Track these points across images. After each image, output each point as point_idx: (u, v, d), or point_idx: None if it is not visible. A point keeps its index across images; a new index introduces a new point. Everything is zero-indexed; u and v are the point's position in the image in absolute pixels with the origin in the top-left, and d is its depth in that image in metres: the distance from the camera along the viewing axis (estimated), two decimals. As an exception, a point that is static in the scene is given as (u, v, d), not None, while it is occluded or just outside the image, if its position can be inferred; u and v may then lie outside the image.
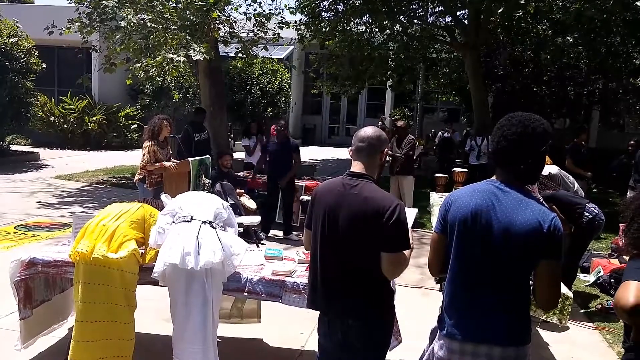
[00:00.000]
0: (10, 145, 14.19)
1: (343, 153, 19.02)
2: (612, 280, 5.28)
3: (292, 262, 3.36)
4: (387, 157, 2.40)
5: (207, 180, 6.36)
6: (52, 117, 16.24)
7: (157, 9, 8.22)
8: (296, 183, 7.55)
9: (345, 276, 2.20)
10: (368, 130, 2.30)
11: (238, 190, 6.88)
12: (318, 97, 22.75)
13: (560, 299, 3.15)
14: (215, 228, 3.12)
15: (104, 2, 7.99)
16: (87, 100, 16.54)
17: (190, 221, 3.11)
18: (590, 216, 4.59)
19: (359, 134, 2.30)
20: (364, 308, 2.19)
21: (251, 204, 6.99)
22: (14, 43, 12.28)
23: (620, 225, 5.07)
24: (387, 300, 2.27)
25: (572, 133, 7.83)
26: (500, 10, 11.16)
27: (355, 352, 2.23)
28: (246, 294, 3.19)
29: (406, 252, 2.19)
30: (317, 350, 2.46)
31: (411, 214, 2.54)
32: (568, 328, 4.29)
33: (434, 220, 3.06)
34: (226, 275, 3.10)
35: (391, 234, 2.11)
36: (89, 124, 16.24)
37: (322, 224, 2.24)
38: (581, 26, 11.45)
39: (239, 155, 11.62)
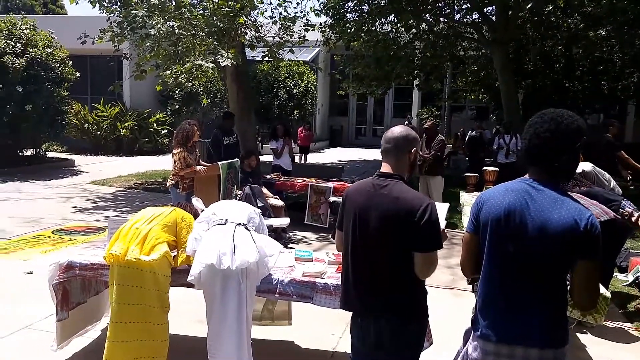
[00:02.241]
0: (47, 153, 14.68)
1: (370, 154, 18.96)
2: (651, 279, 5.10)
3: (322, 264, 3.36)
4: (419, 157, 2.36)
5: (239, 192, 6.42)
6: (86, 124, 16.71)
7: (185, 16, 8.37)
8: (324, 184, 7.58)
9: (377, 276, 2.19)
10: (395, 130, 2.29)
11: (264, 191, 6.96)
12: (344, 99, 22.76)
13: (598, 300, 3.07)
14: (249, 230, 3.17)
15: (134, 11, 8.19)
16: (119, 107, 16.98)
17: (225, 224, 3.17)
18: (627, 213, 4.45)
19: (386, 135, 2.30)
20: (396, 308, 2.18)
21: (278, 202, 7.07)
22: (49, 53, 12.70)
23: None
24: (420, 301, 2.25)
25: (606, 127, 7.60)
26: (529, 6, 10.95)
27: (388, 353, 2.22)
28: (277, 295, 3.21)
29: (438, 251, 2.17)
30: (349, 351, 2.46)
31: (442, 209, 2.49)
32: (604, 328, 4.18)
33: (465, 220, 3.01)
34: (260, 276, 3.14)
35: (424, 233, 2.09)
36: (121, 130, 16.65)
37: (352, 225, 2.25)
38: (614, 19, 11.13)
39: (267, 157, 11.72)
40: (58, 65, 12.91)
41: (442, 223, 2.41)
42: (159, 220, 3.28)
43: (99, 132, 16.81)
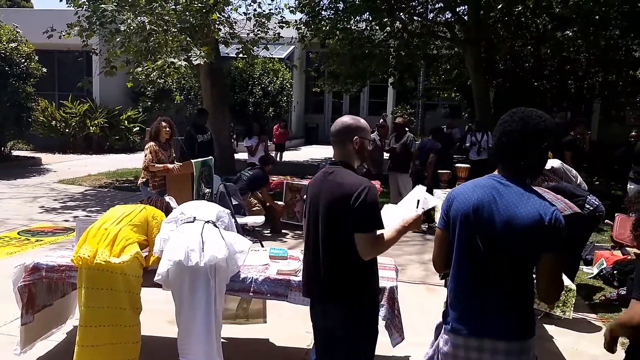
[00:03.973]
0: (12, 151, 14.23)
1: (345, 151, 18.98)
2: (614, 272, 5.29)
3: (297, 261, 3.36)
4: (369, 145, 2.45)
5: (207, 190, 6.36)
6: (54, 122, 16.27)
7: (157, 11, 8.24)
8: (299, 182, 7.58)
9: (326, 261, 2.29)
10: (339, 121, 2.42)
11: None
12: (320, 96, 22.75)
13: (563, 292, 3.16)
14: (218, 228, 3.15)
15: (103, 5, 8.01)
16: (88, 103, 16.58)
17: (193, 221, 3.14)
18: (592, 208, 4.60)
19: (332, 126, 2.43)
20: (346, 292, 2.28)
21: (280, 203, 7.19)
22: (13, 48, 12.31)
23: (617, 215, 5.07)
24: (369, 284, 2.33)
25: (571, 126, 7.83)
26: (500, 6, 11.15)
27: (342, 337, 2.30)
28: (252, 293, 3.20)
29: (381, 232, 2.25)
30: None
31: (417, 194, 2.54)
32: (571, 320, 4.30)
33: (438, 216, 3.05)
34: (230, 274, 3.12)
35: (360, 214, 2.18)
36: (91, 127, 16.27)
37: (308, 214, 2.38)
38: (580, 19, 11.43)
39: (242, 155, 11.64)
40: (23, 60, 12.52)
41: (415, 207, 2.45)
42: (128, 220, 3.22)
43: (67, 130, 16.38)
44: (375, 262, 2.38)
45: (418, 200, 2.48)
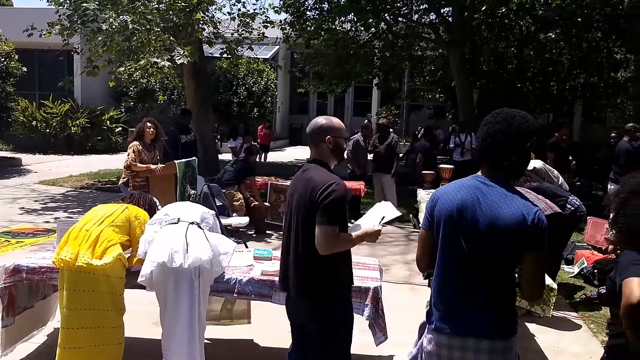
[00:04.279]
0: (-8, 151, 13.99)
1: (330, 152, 19.00)
2: (595, 271, 5.38)
3: (281, 262, 3.35)
4: (344, 144, 2.53)
5: (192, 192, 6.32)
6: (34, 122, 16.00)
7: (139, 10, 8.15)
8: (283, 183, 7.56)
9: (298, 256, 2.36)
10: (312, 122, 2.50)
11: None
12: (305, 97, 22.75)
13: (545, 291, 3.20)
14: (202, 229, 3.12)
15: (84, 4, 7.90)
16: (69, 103, 16.34)
17: (177, 223, 3.11)
18: (573, 208, 4.66)
19: (308, 127, 2.51)
20: (313, 286, 2.34)
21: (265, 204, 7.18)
22: (-7, 47, 12.11)
23: (589, 219, 5.16)
24: (337, 278, 2.38)
25: (556, 128, 7.96)
26: (483, 8, 11.26)
27: (311, 332, 2.37)
28: (236, 294, 3.19)
29: (337, 229, 2.27)
30: None
31: (383, 210, 2.63)
32: (551, 317, 4.36)
33: (422, 216, 3.06)
34: (214, 275, 3.10)
35: (322, 207, 2.25)
36: (72, 127, 16.03)
37: (287, 210, 2.48)
38: (563, 22, 11.60)
39: (227, 156, 11.58)
40: (3, 59, 12.31)
41: (379, 220, 2.51)
42: (110, 220, 3.17)
43: (48, 130, 16.10)
44: (349, 257, 2.43)
45: (383, 217, 2.53)
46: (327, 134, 2.40)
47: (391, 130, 8.55)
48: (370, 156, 8.46)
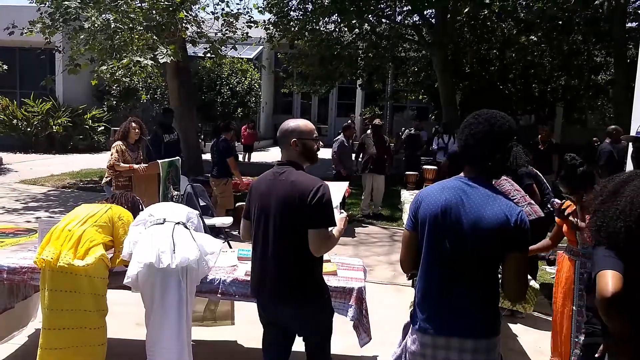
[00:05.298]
0: (-29, 150, 13.71)
1: (315, 152, 19.01)
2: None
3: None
4: (314, 145, 2.51)
5: (176, 193, 6.27)
6: (15, 120, 15.74)
7: (122, 8, 8.06)
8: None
9: (278, 259, 2.35)
10: (280, 126, 2.50)
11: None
12: (289, 97, 22.73)
13: (527, 290, 3.24)
14: (188, 229, 3.11)
15: (66, 2, 7.79)
16: (51, 102, 16.09)
17: (163, 223, 3.08)
18: (552, 208, 4.73)
19: None
20: (300, 289, 2.36)
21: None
22: (-29, 44, 11.87)
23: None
24: (319, 280, 2.43)
25: (537, 130, 8.09)
26: (466, 10, 11.38)
27: (291, 333, 2.43)
28: (220, 295, 3.17)
29: (333, 230, 2.38)
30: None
31: (340, 188, 2.73)
32: (533, 318, 4.42)
33: (405, 217, 3.08)
34: (201, 275, 3.09)
35: (315, 211, 2.28)
36: (54, 126, 15.79)
37: (258, 213, 2.43)
38: (544, 25, 11.78)
39: (210, 156, 11.48)
40: (-18, 57, 12.09)
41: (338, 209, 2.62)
42: (93, 220, 3.13)
43: (29, 129, 15.84)
44: (321, 261, 2.48)
45: (336, 205, 2.61)
46: (292, 137, 2.42)
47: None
48: (360, 156, 8.50)
